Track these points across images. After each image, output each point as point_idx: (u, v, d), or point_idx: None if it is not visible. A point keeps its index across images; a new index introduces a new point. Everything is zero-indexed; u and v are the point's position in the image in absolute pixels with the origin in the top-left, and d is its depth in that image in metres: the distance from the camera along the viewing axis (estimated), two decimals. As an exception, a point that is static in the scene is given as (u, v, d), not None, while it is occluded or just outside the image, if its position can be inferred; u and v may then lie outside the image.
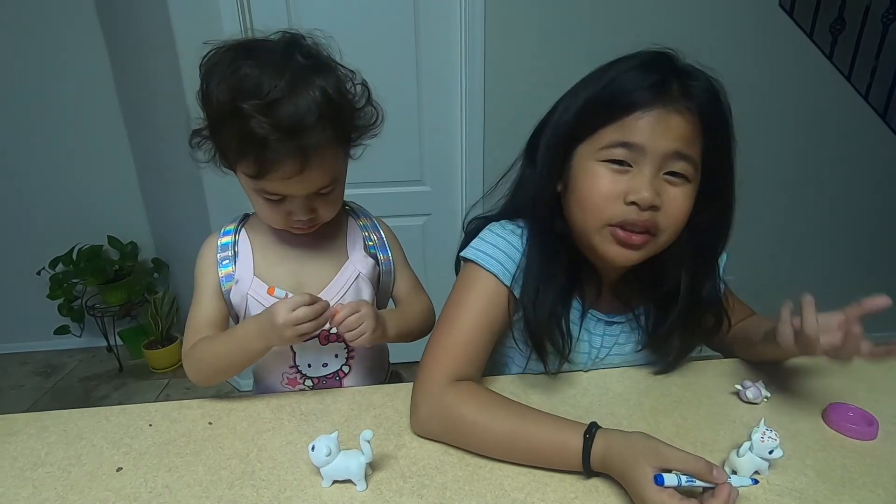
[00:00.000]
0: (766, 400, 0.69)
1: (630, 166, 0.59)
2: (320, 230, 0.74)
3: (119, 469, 0.59)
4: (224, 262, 0.74)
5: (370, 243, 0.79)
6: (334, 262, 0.76)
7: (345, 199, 0.80)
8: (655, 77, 0.58)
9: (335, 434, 0.55)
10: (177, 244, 2.23)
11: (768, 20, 1.87)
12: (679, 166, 0.59)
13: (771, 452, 0.54)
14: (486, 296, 0.68)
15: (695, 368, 0.78)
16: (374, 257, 0.79)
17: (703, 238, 0.67)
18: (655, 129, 0.58)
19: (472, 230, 0.76)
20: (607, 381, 0.75)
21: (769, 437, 0.54)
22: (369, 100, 0.68)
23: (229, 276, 0.74)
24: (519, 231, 0.71)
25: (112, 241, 2.26)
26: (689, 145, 0.59)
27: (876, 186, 2.18)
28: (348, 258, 0.77)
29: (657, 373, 0.77)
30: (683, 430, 0.64)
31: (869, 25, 1.95)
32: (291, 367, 0.77)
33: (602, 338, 0.76)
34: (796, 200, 2.16)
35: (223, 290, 0.74)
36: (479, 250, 0.70)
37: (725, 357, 0.82)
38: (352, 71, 0.66)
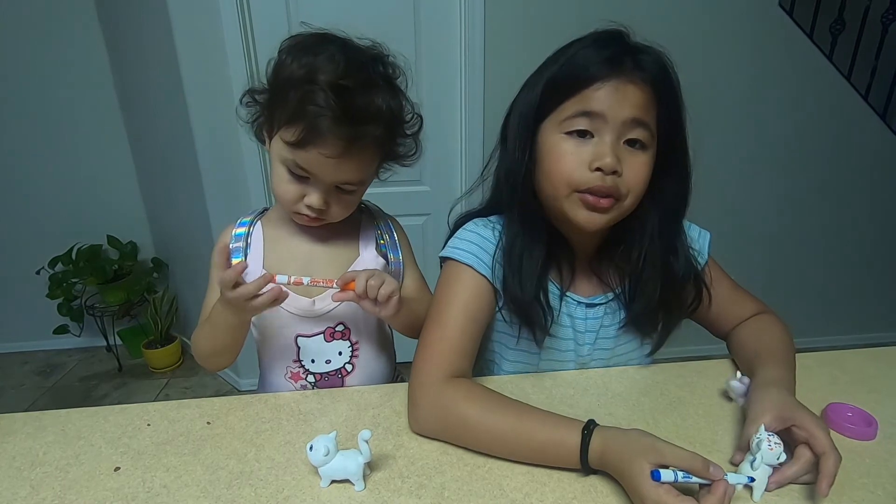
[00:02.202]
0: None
1: (592, 136, 0.63)
2: (334, 226, 0.75)
3: (117, 469, 0.59)
4: (235, 253, 0.75)
5: (381, 242, 0.80)
6: (345, 259, 0.77)
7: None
8: (609, 52, 0.62)
9: (333, 434, 0.55)
10: (176, 244, 2.24)
11: (768, 20, 1.87)
12: (637, 133, 0.63)
13: (778, 458, 0.53)
14: (468, 287, 0.71)
15: (695, 368, 0.78)
16: (385, 257, 0.80)
17: (665, 206, 0.71)
18: (614, 98, 0.61)
19: (455, 228, 0.79)
20: (606, 382, 0.75)
21: (775, 443, 0.52)
22: (417, 132, 0.72)
23: None
24: (490, 225, 0.75)
25: (111, 240, 2.26)
26: (645, 112, 0.63)
27: (876, 186, 2.19)
28: (359, 255, 0.77)
29: (649, 353, 0.80)
30: (683, 430, 0.64)
31: (868, 26, 1.95)
32: (295, 362, 0.77)
33: (585, 321, 0.76)
34: (796, 200, 2.17)
35: None
36: (454, 247, 0.73)
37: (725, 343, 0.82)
38: (413, 103, 0.71)
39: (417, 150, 0.74)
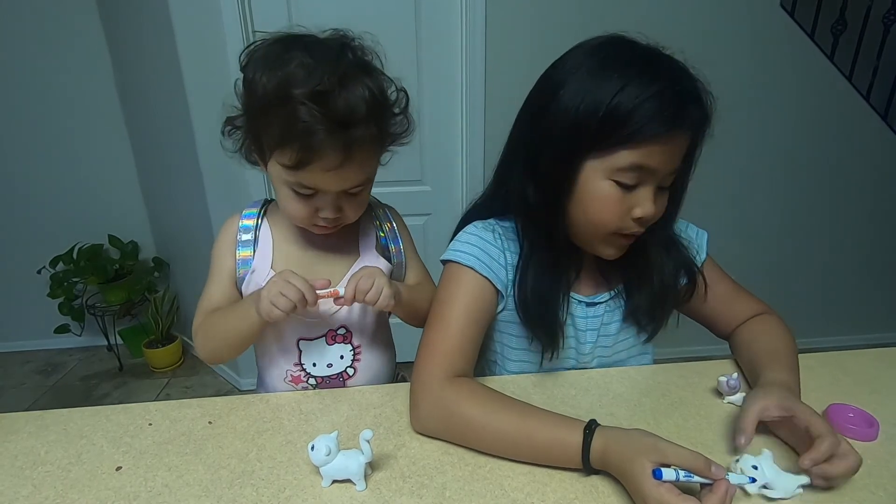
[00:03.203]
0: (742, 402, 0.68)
1: (637, 184, 0.63)
2: None
3: (119, 468, 0.59)
4: (243, 245, 0.74)
5: (381, 234, 0.80)
6: (346, 261, 0.77)
7: None
8: (679, 110, 0.59)
9: (335, 434, 0.55)
10: (177, 243, 2.24)
11: (769, 20, 1.87)
12: (671, 179, 0.65)
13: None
14: (469, 289, 0.71)
15: (696, 369, 0.78)
16: (387, 251, 0.79)
17: (667, 209, 0.70)
18: (667, 155, 0.61)
19: (457, 228, 0.79)
20: (608, 382, 0.75)
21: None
22: (406, 107, 0.70)
23: (245, 261, 0.74)
24: (490, 227, 0.75)
25: (112, 240, 2.26)
26: (682, 158, 0.64)
27: (877, 186, 2.18)
28: (360, 256, 0.77)
29: (645, 341, 0.80)
30: (684, 431, 0.64)
31: (870, 26, 1.95)
32: (296, 365, 0.77)
33: (585, 320, 0.77)
34: (797, 200, 2.16)
35: (238, 274, 0.74)
36: (455, 250, 0.73)
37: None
38: (393, 78, 0.68)
39: (411, 126, 0.71)
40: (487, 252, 0.72)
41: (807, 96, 1.99)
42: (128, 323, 2.34)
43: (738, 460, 0.55)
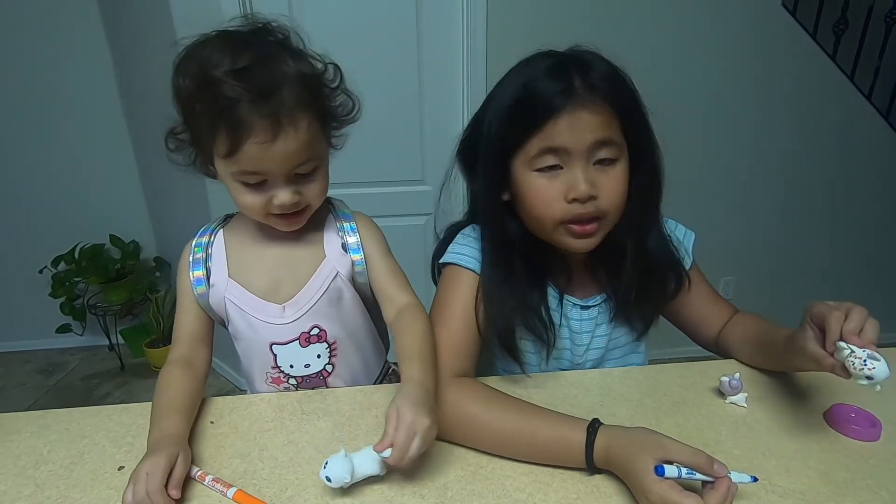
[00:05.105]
0: (745, 405, 0.68)
1: (562, 168, 0.64)
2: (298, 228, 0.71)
3: (121, 468, 0.59)
4: (195, 265, 0.73)
5: (344, 242, 0.75)
6: (311, 262, 0.73)
7: (332, 196, 0.78)
8: (561, 83, 0.61)
9: (342, 453, 0.53)
10: (178, 243, 2.20)
11: (771, 20, 1.87)
12: (604, 152, 0.64)
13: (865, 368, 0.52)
14: (470, 290, 0.71)
15: (697, 369, 0.77)
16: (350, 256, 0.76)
17: (641, 197, 0.70)
18: (572, 129, 0.62)
19: (445, 237, 0.81)
20: (609, 382, 0.75)
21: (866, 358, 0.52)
22: (342, 82, 0.68)
23: (199, 280, 0.73)
24: None
25: (114, 239, 2.27)
26: (606, 129, 0.63)
27: (878, 186, 2.18)
28: (325, 256, 0.73)
29: (637, 339, 0.81)
30: (685, 431, 0.64)
31: (872, 25, 1.95)
32: (273, 368, 0.75)
33: (580, 322, 0.77)
34: (798, 200, 2.16)
35: (196, 294, 0.73)
36: (455, 252, 0.74)
37: (720, 356, 0.82)
38: (319, 54, 0.66)
39: (356, 104, 0.69)
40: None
41: (808, 96, 1.99)
42: (129, 322, 2.34)
43: (851, 352, 0.53)
